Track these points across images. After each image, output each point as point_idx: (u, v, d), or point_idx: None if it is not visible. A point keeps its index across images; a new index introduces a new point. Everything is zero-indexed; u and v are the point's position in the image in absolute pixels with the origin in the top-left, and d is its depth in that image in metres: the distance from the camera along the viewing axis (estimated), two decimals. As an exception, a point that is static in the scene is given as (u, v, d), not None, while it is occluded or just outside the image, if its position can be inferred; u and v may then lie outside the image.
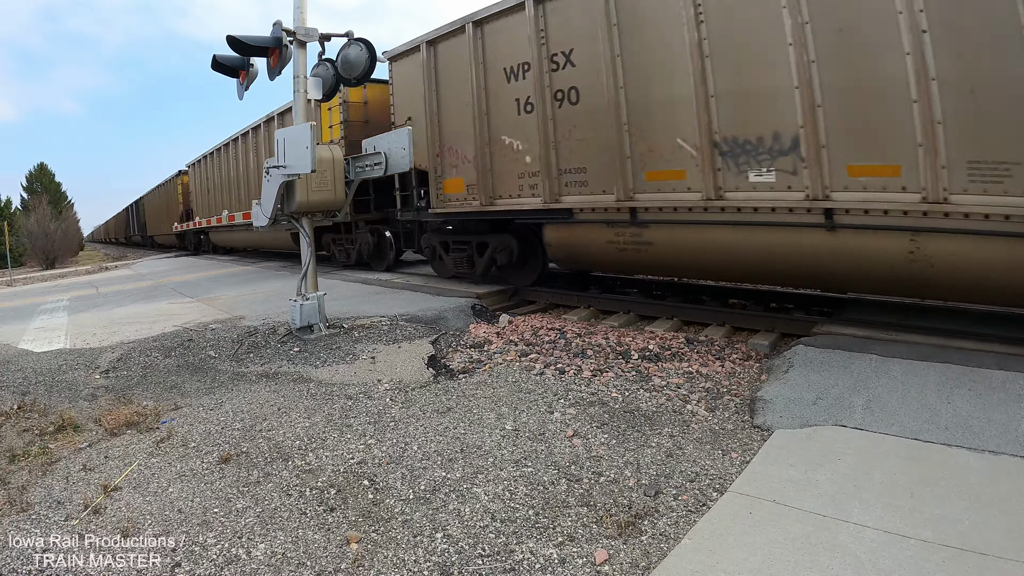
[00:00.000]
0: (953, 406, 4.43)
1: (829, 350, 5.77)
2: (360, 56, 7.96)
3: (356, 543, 3.35)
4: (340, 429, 4.92)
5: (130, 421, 5.29)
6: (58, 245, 41.57)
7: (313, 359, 6.90)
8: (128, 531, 3.58)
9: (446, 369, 6.53)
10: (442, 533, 3.40)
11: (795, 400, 4.83)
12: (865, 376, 5.13)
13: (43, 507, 3.95)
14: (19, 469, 4.53)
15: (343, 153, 8.09)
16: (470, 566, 3.10)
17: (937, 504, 3.31)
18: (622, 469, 4.03)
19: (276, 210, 7.78)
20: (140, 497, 4.01)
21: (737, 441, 4.37)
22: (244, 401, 5.69)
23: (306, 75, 7.98)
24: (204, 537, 3.50)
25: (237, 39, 7.64)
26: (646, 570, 2.99)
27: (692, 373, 5.99)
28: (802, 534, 3.11)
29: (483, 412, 5.13)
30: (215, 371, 6.77)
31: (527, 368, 6.32)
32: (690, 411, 4.99)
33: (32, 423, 5.45)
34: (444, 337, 7.71)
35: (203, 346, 7.67)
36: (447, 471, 4.11)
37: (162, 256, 32.16)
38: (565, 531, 3.37)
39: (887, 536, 3.04)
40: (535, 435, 4.62)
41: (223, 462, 4.42)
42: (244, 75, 8.42)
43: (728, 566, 2.90)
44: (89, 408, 5.79)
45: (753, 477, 3.78)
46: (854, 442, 4.10)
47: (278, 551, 3.32)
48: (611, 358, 6.63)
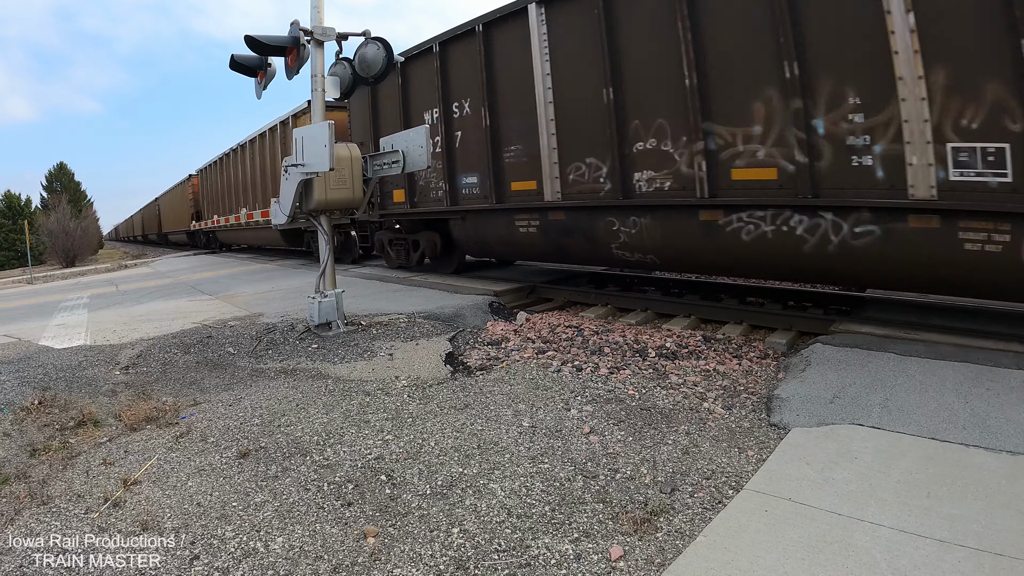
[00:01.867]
0: (971, 406, 4.40)
1: (847, 348, 5.74)
2: (377, 55, 7.99)
3: (373, 537, 3.38)
4: (358, 425, 4.96)
5: (150, 416, 5.35)
6: (78, 243, 41.97)
7: (331, 356, 6.94)
8: (147, 524, 3.63)
9: (463, 366, 6.55)
10: (458, 528, 3.42)
11: (812, 398, 4.82)
12: (883, 375, 5.10)
13: (63, 500, 4.00)
14: (40, 463, 4.60)
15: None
16: (486, 561, 3.11)
17: (954, 504, 3.29)
18: (638, 466, 4.04)
19: (294, 208, 7.82)
20: (159, 491, 4.05)
21: (753, 439, 4.36)
22: (263, 397, 5.74)
23: (324, 74, 8.02)
24: (222, 530, 3.54)
25: (255, 39, 7.70)
26: (661, 567, 2.99)
27: (709, 371, 5.98)
28: (817, 533, 3.10)
29: (500, 409, 5.15)
30: (234, 367, 6.83)
31: (544, 365, 6.33)
32: (707, 409, 4.98)
33: (53, 418, 5.52)
34: (462, 334, 7.73)
35: (222, 343, 7.73)
36: (464, 467, 4.14)
37: (180, 254, 32.43)
38: (581, 527, 3.38)
39: (903, 536, 3.03)
40: (552, 432, 4.63)
41: (242, 457, 4.47)
42: (262, 74, 8.49)
43: (743, 564, 2.90)
44: (109, 403, 5.86)
45: (769, 475, 3.77)
46: (871, 441, 4.08)
47: (296, 545, 3.36)
48: (628, 356, 6.63)
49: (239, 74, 8.49)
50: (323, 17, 7.96)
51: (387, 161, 8.20)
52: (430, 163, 8.04)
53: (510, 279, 11.14)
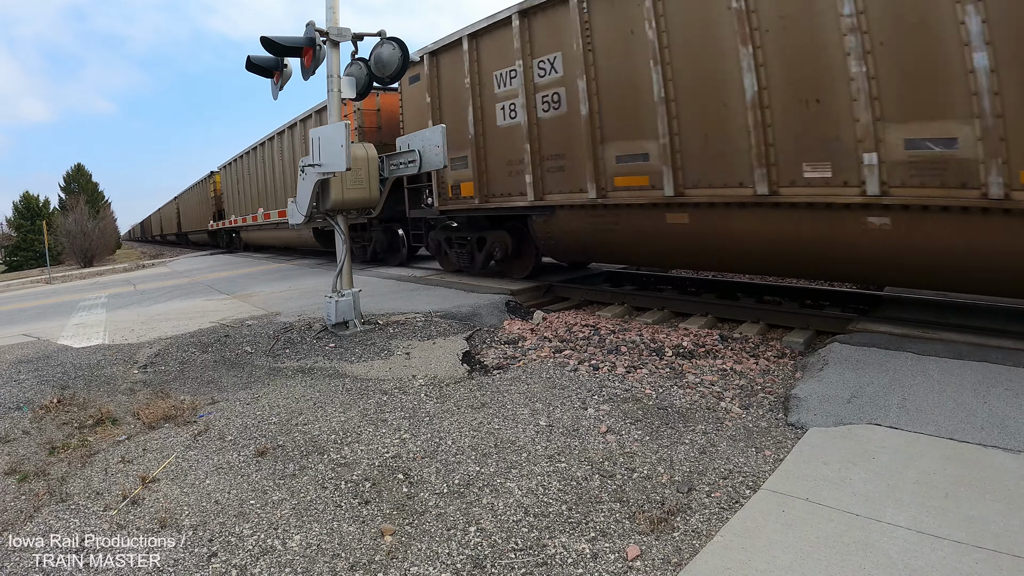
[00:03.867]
0: (989, 406, 4.37)
1: (865, 348, 5.72)
2: (393, 55, 8.02)
3: (390, 535, 3.39)
4: (375, 424, 4.98)
5: (167, 415, 5.39)
6: (95, 244, 42.33)
7: (348, 355, 6.98)
8: (166, 521, 3.66)
9: (480, 365, 6.56)
10: (475, 527, 3.43)
11: (830, 398, 4.79)
12: (901, 375, 5.07)
13: (82, 497, 4.05)
14: (59, 460, 4.65)
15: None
16: (503, 559, 3.12)
17: (972, 505, 3.27)
18: (655, 465, 4.04)
19: (311, 208, 7.87)
20: (178, 489, 4.09)
21: (771, 439, 4.34)
22: (280, 396, 5.77)
23: (340, 74, 8.07)
24: (240, 528, 3.57)
25: (271, 40, 7.75)
26: (678, 567, 2.99)
27: (726, 370, 5.96)
28: (835, 533, 3.09)
29: (517, 408, 5.16)
30: (251, 366, 6.87)
31: (561, 364, 6.33)
32: (724, 408, 4.97)
33: (71, 416, 5.57)
34: (478, 333, 7.75)
35: (239, 342, 7.78)
36: (481, 466, 4.15)
37: (197, 254, 32.65)
38: (598, 526, 3.38)
39: (920, 536, 3.01)
40: (569, 431, 4.63)
41: (259, 455, 4.50)
42: (278, 75, 8.54)
43: (760, 564, 2.89)
44: (127, 402, 5.91)
45: (786, 475, 3.76)
46: (889, 441, 4.06)
47: (313, 542, 3.38)
48: (645, 355, 6.62)
49: (255, 75, 8.56)
50: (338, 18, 8.01)
51: (403, 161, 8.24)
52: (445, 163, 8.05)
53: (526, 278, 11.12)
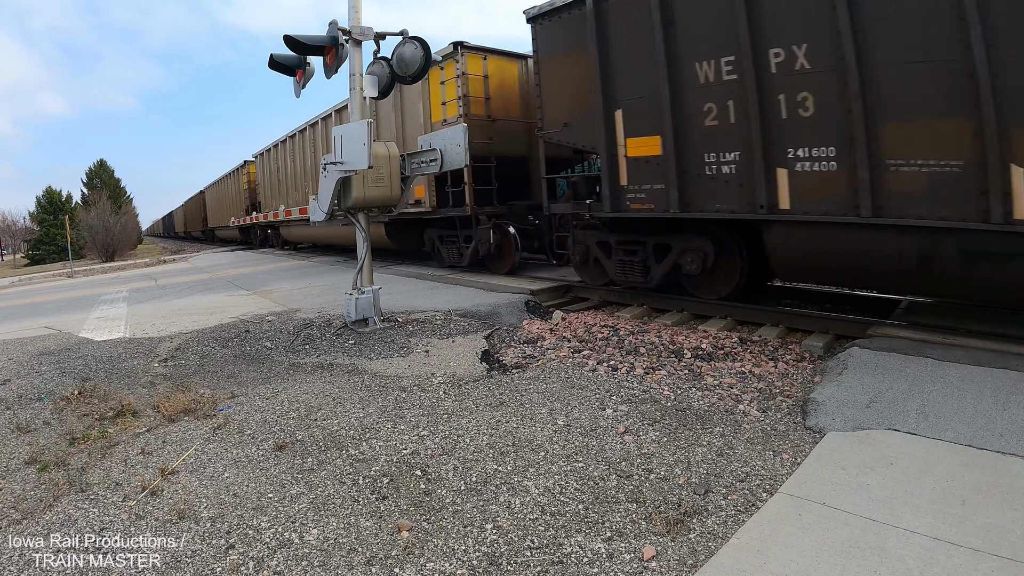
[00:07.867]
0: (1009, 413, 4.33)
1: (884, 353, 5.68)
2: (415, 54, 8.05)
3: (407, 531, 3.41)
4: (393, 420, 5.01)
5: (187, 408, 5.46)
6: (117, 238, 42.64)
7: (368, 352, 7.02)
8: (184, 513, 3.71)
9: (499, 364, 6.58)
10: (492, 524, 3.45)
11: (848, 403, 4.77)
12: (920, 380, 5.04)
13: (101, 488, 4.11)
14: (79, 451, 4.72)
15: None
16: (519, 557, 3.14)
17: (989, 513, 3.24)
18: (672, 467, 4.04)
19: (333, 205, 7.92)
20: (196, 481, 4.14)
21: (788, 442, 4.33)
22: (299, 391, 5.82)
23: (362, 73, 8.11)
24: (258, 521, 3.60)
25: (294, 38, 7.82)
26: (693, 568, 2.99)
27: (745, 373, 5.95)
28: (851, 538, 3.08)
29: (535, 407, 5.18)
30: (271, 362, 6.93)
31: (580, 364, 6.35)
32: (742, 411, 4.96)
33: (92, 408, 5.65)
34: (497, 332, 7.77)
35: (259, 337, 7.85)
36: (498, 464, 4.17)
37: (219, 250, 32.86)
38: (614, 526, 3.39)
39: (937, 543, 3.00)
40: (586, 431, 4.64)
41: (278, 449, 4.54)
42: (301, 73, 8.61)
43: (775, 567, 2.89)
44: (147, 395, 5.98)
45: (803, 479, 3.75)
46: (907, 447, 4.04)
47: (330, 536, 3.41)
48: (664, 356, 6.62)
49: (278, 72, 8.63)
50: (360, 17, 8.06)
51: (424, 160, 8.28)
52: (467, 161, 8.06)
53: (546, 278, 11.10)
